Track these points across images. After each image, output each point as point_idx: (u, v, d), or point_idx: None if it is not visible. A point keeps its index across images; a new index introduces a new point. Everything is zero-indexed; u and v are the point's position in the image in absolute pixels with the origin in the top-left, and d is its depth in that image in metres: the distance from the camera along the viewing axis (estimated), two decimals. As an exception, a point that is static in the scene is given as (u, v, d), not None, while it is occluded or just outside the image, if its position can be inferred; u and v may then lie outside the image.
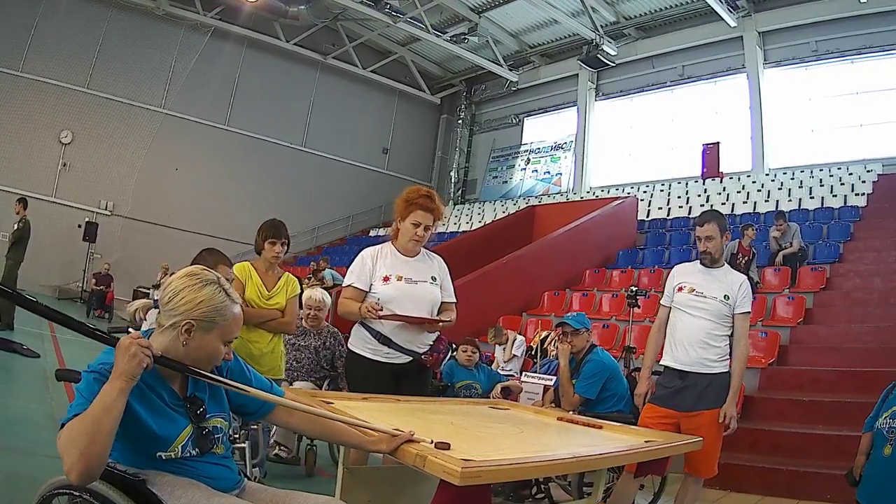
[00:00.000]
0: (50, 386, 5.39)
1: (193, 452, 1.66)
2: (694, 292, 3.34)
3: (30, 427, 4.22)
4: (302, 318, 4.61)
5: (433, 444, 1.82)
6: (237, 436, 2.81)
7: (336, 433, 1.93)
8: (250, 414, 1.92)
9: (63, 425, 1.44)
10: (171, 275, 1.90)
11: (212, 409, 1.74)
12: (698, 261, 3.44)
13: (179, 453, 1.63)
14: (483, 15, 17.73)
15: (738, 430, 3.28)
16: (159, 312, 1.67)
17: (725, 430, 3.22)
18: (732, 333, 3.31)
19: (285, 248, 3.65)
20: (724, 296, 3.28)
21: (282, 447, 4.20)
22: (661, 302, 3.59)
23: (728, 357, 3.30)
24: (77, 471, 1.38)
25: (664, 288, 3.59)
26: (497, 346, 7.43)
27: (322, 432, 1.98)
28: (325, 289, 6.49)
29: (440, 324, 3.09)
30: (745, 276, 3.46)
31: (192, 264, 2.92)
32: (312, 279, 12.30)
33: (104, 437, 1.41)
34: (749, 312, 3.34)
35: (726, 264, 3.48)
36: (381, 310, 2.97)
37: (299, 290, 3.82)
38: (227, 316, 1.68)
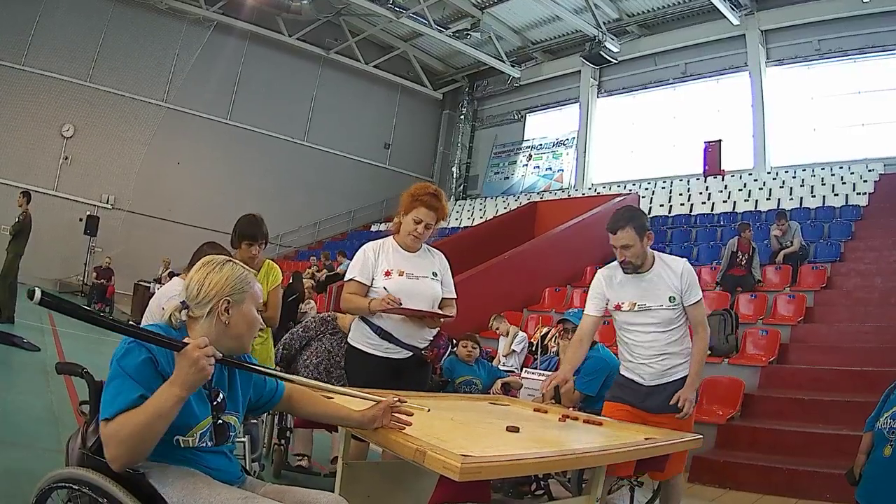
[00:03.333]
0: (50, 380, 5.39)
1: (209, 444, 1.68)
2: (636, 307, 3.06)
3: (29, 421, 4.21)
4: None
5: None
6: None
7: (337, 414, 2.04)
8: (263, 405, 1.97)
9: (112, 415, 1.49)
10: (170, 270, 1.91)
11: (228, 406, 1.77)
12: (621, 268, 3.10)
13: (196, 441, 1.65)
14: (486, 11, 17.73)
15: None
16: (188, 309, 1.72)
17: (678, 414, 2.95)
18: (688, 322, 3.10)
19: (263, 247, 3.59)
20: (670, 297, 3.03)
21: (304, 457, 4.15)
22: (586, 311, 3.22)
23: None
24: (121, 463, 1.51)
25: (588, 293, 3.25)
26: (500, 336, 7.46)
27: (319, 413, 2.06)
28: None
29: (441, 319, 3.09)
30: (685, 260, 3.15)
31: (193, 258, 2.94)
32: (323, 270, 12.27)
33: (154, 438, 1.51)
34: (701, 300, 3.07)
35: (655, 257, 3.11)
36: (400, 301, 2.94)
37: (281, 279, 3.76)
38: (251, 282, 1.80)
